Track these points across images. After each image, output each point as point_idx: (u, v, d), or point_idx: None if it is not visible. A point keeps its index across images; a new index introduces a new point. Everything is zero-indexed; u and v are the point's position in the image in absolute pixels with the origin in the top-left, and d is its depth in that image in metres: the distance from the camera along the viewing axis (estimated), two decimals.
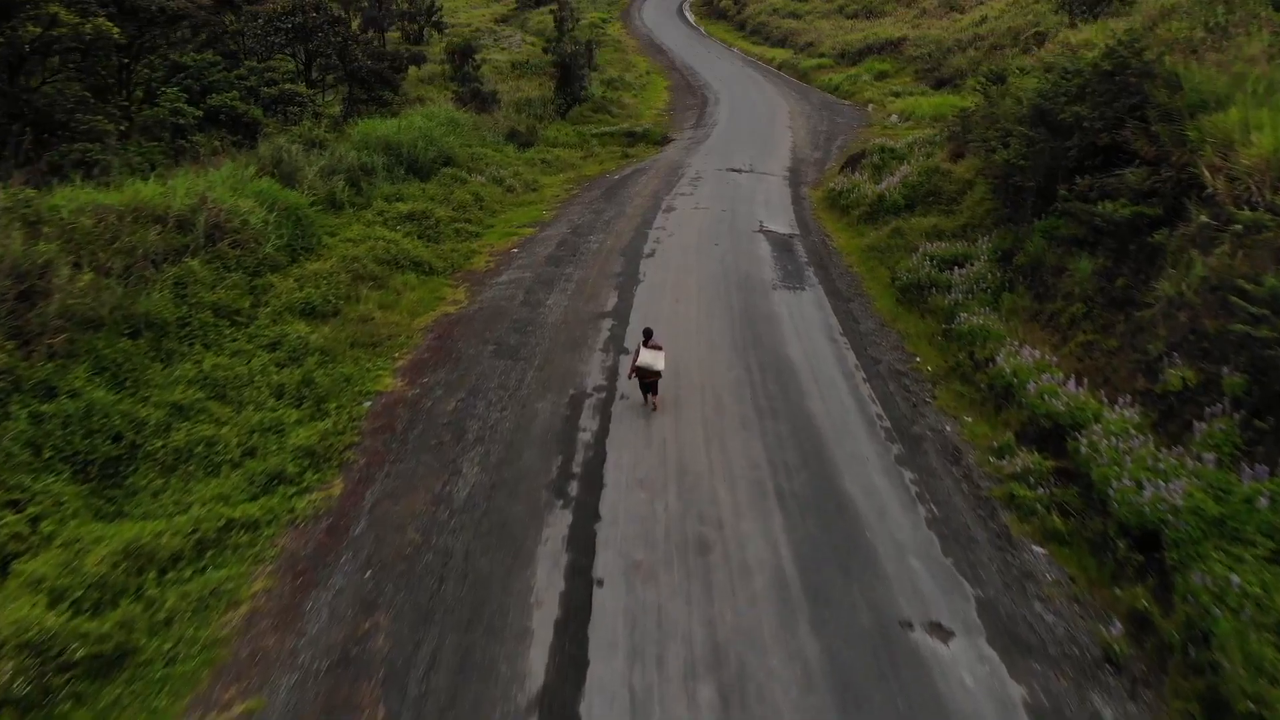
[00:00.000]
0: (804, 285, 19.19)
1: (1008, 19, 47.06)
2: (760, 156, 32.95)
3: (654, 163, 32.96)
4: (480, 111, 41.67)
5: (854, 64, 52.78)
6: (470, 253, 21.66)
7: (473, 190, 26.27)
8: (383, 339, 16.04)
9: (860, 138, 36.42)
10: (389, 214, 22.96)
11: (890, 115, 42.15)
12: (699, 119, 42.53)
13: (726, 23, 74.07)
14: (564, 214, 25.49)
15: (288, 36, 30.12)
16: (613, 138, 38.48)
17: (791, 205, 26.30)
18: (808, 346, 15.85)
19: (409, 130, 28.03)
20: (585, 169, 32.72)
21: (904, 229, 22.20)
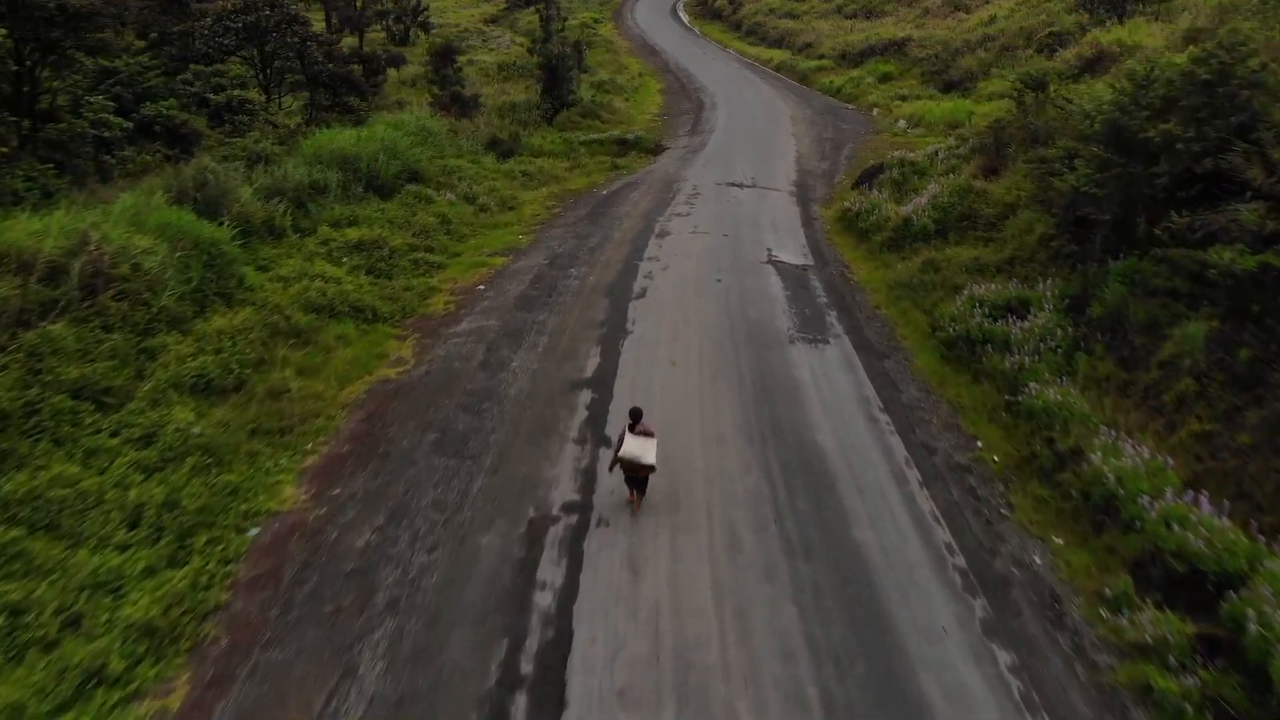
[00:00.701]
0: (827, 336, 15.21)
1: (1019, 18, 43.02)
2: (763, 168, 28.92)
3: (646, 175, 28.91)
4: (461, 117, 37.57)
5: (856, 66, 48.68)
6: (427, 291, 17.62)
7: (439, 211, 22.19)
8: (294, 423, 12.03)
9: (870, 146, 32.42)
10: (335, 243, 18.91)
11: (898, 120, 38.20)
12: (695, 125, 38.44)
13: (722, 23, 69.85)
14: (543, 239, 21.44)
15: (239, 37, 25.97)
16: (602, 145, 34.38)
17: (802, 228, 22.29)
18: (842, 431, 11.89)
19: (370, 142, 23.93)
20: (570, 182, 28.66)
21: (939, 262, 18.22)
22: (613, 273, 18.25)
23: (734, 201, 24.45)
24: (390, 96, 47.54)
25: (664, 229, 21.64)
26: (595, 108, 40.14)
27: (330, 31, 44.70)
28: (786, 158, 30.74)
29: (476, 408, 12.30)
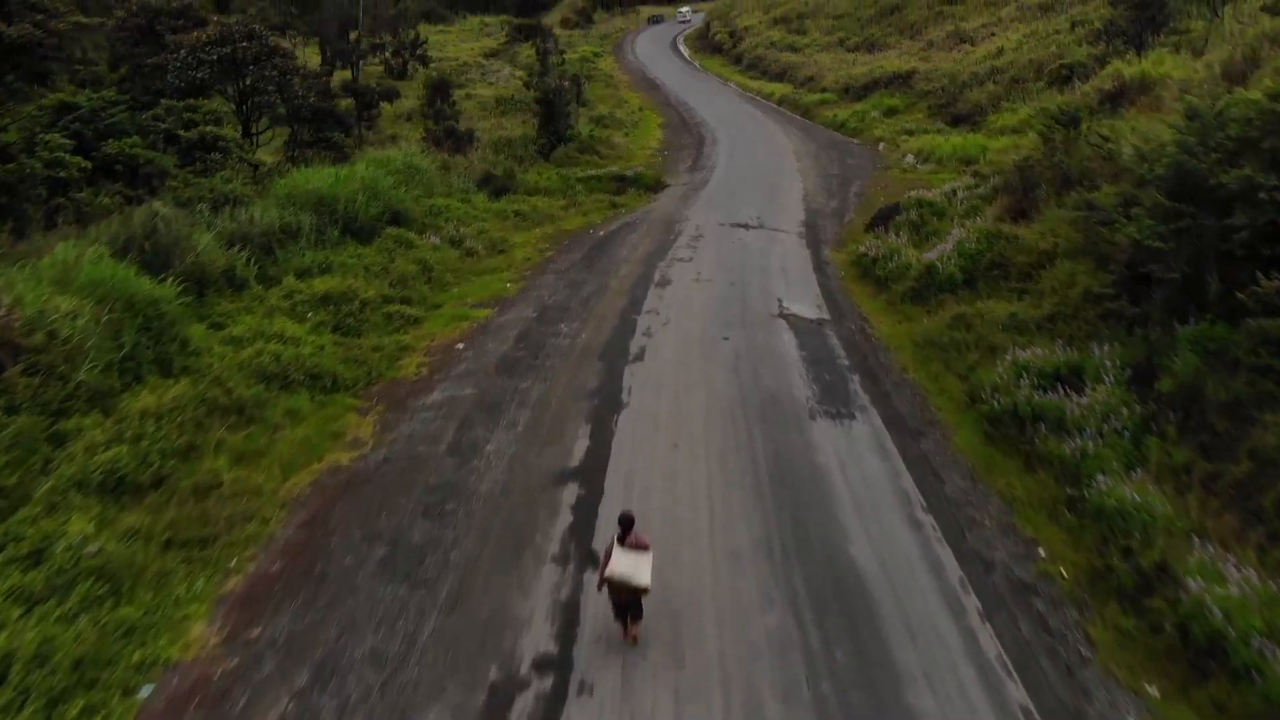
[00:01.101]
0: (852, 409, 13.00)
1: (1027, 50, 41.30)
2: (768, 207, 26.88)
3: (646, 214, 26.86)
4: (455, 152, 35.71)
5: (859, 99, 46.93)
6: (399, 351, 15.43)
7: (421, 257, 20.07)
8: (221, 529, 9.81)
9: (879, 183, 30.43)
10: (300, 296, 16.77)
11: (905, 155, 36.26)
12: (696, 160, 36.50)
13: (722, 57, 68.36)
14: (532, 287, 19.31)
15: (213, 70, 24.05)
16: (600, 182, 32.41)
17: (814, 273, 20.16)
18: (880, 540, 9.65)
19: (349, 182, 21.90)
20: (566, 222, 26.62)
21: (970, 317, 16.05)
22: (607, 329, 16.08)
23: (740, 244, 22.36)
24: (385, 131, 45.87)
25: (664, 276, 19.53)
26: (593, 143, 38.27)
27: (324, 65, 43.03)
28: (793, 195, 28.72)
29: (439, 510, 10.06)
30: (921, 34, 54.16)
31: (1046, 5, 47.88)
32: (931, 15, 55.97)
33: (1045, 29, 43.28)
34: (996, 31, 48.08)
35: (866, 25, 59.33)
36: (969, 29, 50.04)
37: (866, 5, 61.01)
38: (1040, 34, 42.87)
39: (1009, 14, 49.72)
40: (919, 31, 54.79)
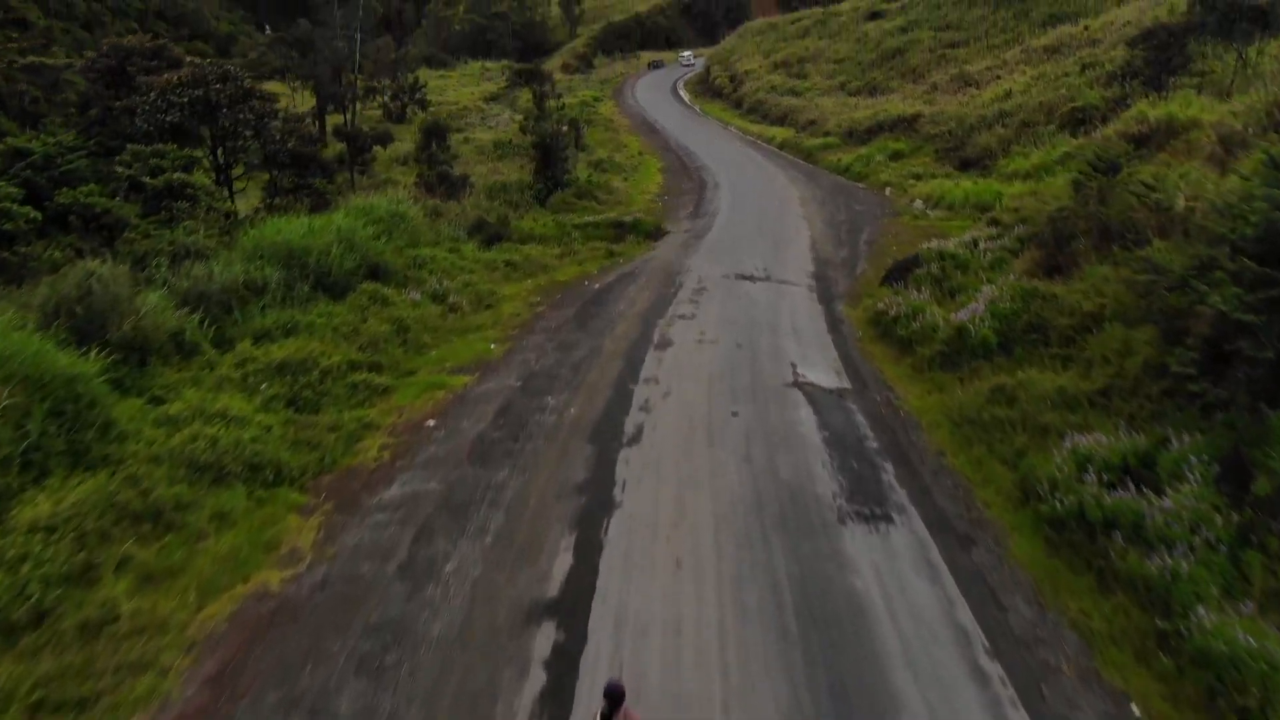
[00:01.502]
0: (888, 508, 10.80)
1: (1036, 93, 39.73)
2: (775, 256, 24.93)
3: (645, 264, 24.89)
4: (448, 198, 33.97)
5: (863, 143, 45.36)
6: (361, 430, 13.29)
7: (397, 315, 18.00)
8: (106, 686, 7.61)
9: (890, 231, 28.54)
10: (255, 365, 14.67)
11: (914, 201, 34.50)
12: (697, 206, 34.69)
13: (723, 101, 67.18)
14: (519, 349, 17.22)
15: (184, 113, 22.26)
16: (597, 229, 30.55)
17: (829, 333, 18.09)
18: (941, 708, 7.44)
19: (323, 233, 19.94)
20: (560, 272, 24.65)
21: (1012, 389, 13.93)
22: (600, 402, 13.95)
23: (746, 298, 20.33)
24: (380, 175, 44.34)
25: (665, 336, 17.45)
26: (592, 188, 36.51)
27: (317, 109, 41.54)
28: (800, 244, 26.79)
29: (377, 662, 7.83)
30: (924, 78, 52.84)
31: (1052, 48, 46.57)
32: (934, 59, 54.75)
33: (1053, 72, 41.79)
34: (1002, 75, 46.68)
35: (868, 69, 58.10)
36: (973, 72, 48.67)
37: (868, 49, 59.90)
38: (1048, 77, 41.36)
39: (1013, 57, 48.39)
40: (921, 75, 53.50)
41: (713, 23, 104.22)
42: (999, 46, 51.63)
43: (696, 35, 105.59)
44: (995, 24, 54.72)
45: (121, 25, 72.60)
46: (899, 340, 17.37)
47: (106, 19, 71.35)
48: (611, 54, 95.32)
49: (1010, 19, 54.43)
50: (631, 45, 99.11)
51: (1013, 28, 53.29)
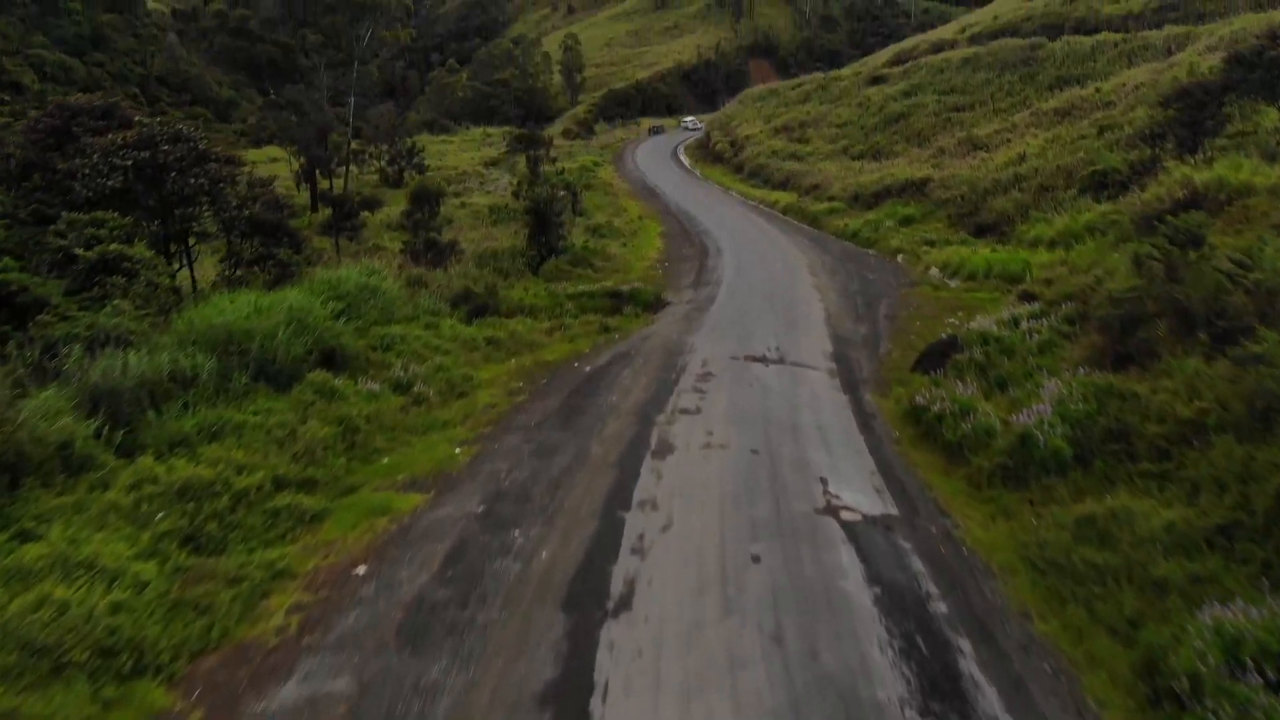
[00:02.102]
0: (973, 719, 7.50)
1: (1052, 157, 37.24)
2: (788, 333, 21.84)
3: (643, 341, 21.80)
4: (435, 266, 31.18)
5: (870, 208, 42.90)
6: (270, 580, 9.95)
7: (344, 413, 14.76)
8: None
9: (911, 304, 25.54)
10: (154, 487, 11.44)
11: (929, 269, 31.65)
12: (699, 274, 31.82)
13: (723, 166, 65.21)
14: (489, 455, 13.96)
15: (127, 177, 19.46)
16: (592, 299, 27.61)
17: (860, 433, 14.84)
18: None
19: (272, 312, 16.89)
20: (548, 350, 21.55)
21: (1104, 523, 10.64)
22: (580, 540, 10.64)
23: (758, 386, 17.15)
24: (369, 241, 41.78)
25: (664, 438, 14.22)
26: (588, 255, 33.72)
27: (302, 172, 39.15)
28: (814, 318, 23.75)
29: None
30: (930, 142, 50.73)
31: (1062, 111, 44.40)
32: (939, 123, 52.74)
33: (1068, 135, 39.39)
34: (1012, 138, 44.47)
35: (871, 134, 56.13)
36: (982, 135, 46.47)
37: (870, 114, 58.04)
38: (1063, 140, 38.93)
39: (1022, 120, 46.25)
40: (927, 139, 51.39)
41: (713, 90, 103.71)
42: (1005, 110, 49.63)
43: (697, 102, 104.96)
44: (1000, 88, 52.86)
45: (122, 90, 71.29)
46: (946, 445, 14.11)
47: (107, 83, 70.08)
48: (612, 120, 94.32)
49: (1016, 83, 52.59)
50: (632, 112, 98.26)
51: (1019, 91, 51.39)
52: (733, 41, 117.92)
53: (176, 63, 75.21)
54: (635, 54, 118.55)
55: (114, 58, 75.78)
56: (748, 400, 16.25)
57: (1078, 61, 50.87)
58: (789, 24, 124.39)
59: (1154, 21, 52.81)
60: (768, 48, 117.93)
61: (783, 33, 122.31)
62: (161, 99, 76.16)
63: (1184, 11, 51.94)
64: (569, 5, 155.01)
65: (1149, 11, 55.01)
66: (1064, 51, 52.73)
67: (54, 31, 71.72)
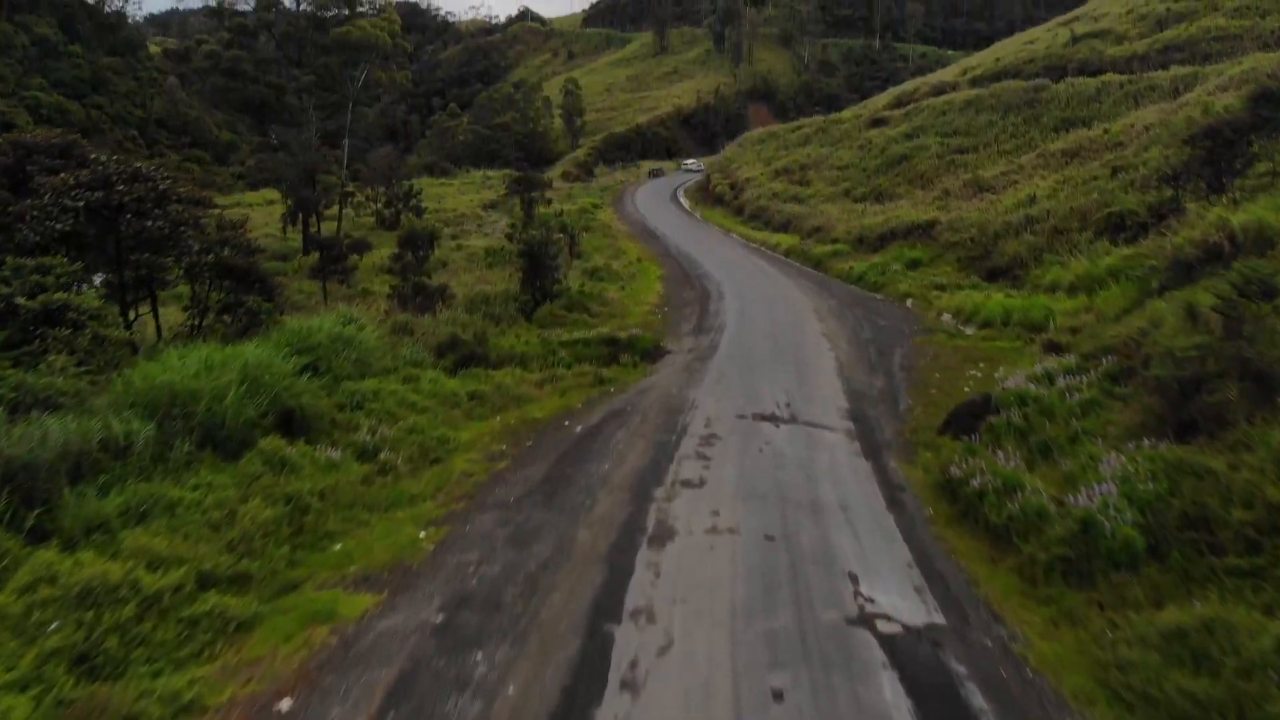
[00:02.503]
0: None
1: (1064, 198, 35.59)
2: (798, 386, 19.85)
3: (640, 396, 19.80)
4: (423, 311, 29.36)
5: (876, 251, 41.28)
6: (174, 713, 7.86)
7: (293, 490, 12.66)
8: None
9: (926, 353, 23.60)
10: (53, 589, 9.34)
11: (941, 315, 29.86)
12: (700, 319, 29.97)
13: (723, 208, 63.87)
14: (457, 542, 11.84)
15: (79, 219, 17.64)
16: (587, 347, 25.71)
17: (888, 511, 12.75)
18: None
19: (225, 369, 14.92)
20: (537, 406, 19.55)
21: (1200, 639, 8.52)
22: (558, 665, 8.50)
23: (769, 452, 15.09)
24: (359, 285, 40.13)
25: (663, 519, 12.12)
26: (584, 299, 31.86)
27: (288, 215, 37.51)
28: (825, 369, 21.77)
29: None
30: (933, 183, 49.35)
31: (1070, 153, 43.00)
32: (943, 165, 51.40)
33: (1079, 176, 37.86)
34: (1019, 180, 43.02)
35: (873, 176, 54.79)
36: (987, 177, 45.06)
37: (872, 156, 56.79)
38: (1074, 181, 37.37)
39: (1029, 161, 44.85)
40: (930, 181, 50.03)
41: (712, 134, 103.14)
42: (1010, 152, 48.33)
43: (696, 146, 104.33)
44: (1004, 130, 51.63)
45: (120, 133, 70.44)
46: (990, 528, 12.00)
47: (105, 126, 69.13)
48: (612, 163, 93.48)
49: (1020, 124, 51.38)
50: (632, 155, 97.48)
51: (1023, 133, 50.15)
52: (732, 86, 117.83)
53: (176, 105, 74.35)
54: (635, 98, 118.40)
55: (114, 100, 74.96)
56: (758, 470, 14.18)
57: (1083, 103, 49.68)
58: (787, 69, 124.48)
59: (1159, 63, 51.70)
60: (766, 92, 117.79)
61: (781, 77, 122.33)
62: (160, 141, 75.22)
63: (1189, 53, 50.80)
64: (569, 51, 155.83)
65: (1153, 53, 53.94)
66: (1068, 93, 51.56)
67: (53, 74, 70.93)
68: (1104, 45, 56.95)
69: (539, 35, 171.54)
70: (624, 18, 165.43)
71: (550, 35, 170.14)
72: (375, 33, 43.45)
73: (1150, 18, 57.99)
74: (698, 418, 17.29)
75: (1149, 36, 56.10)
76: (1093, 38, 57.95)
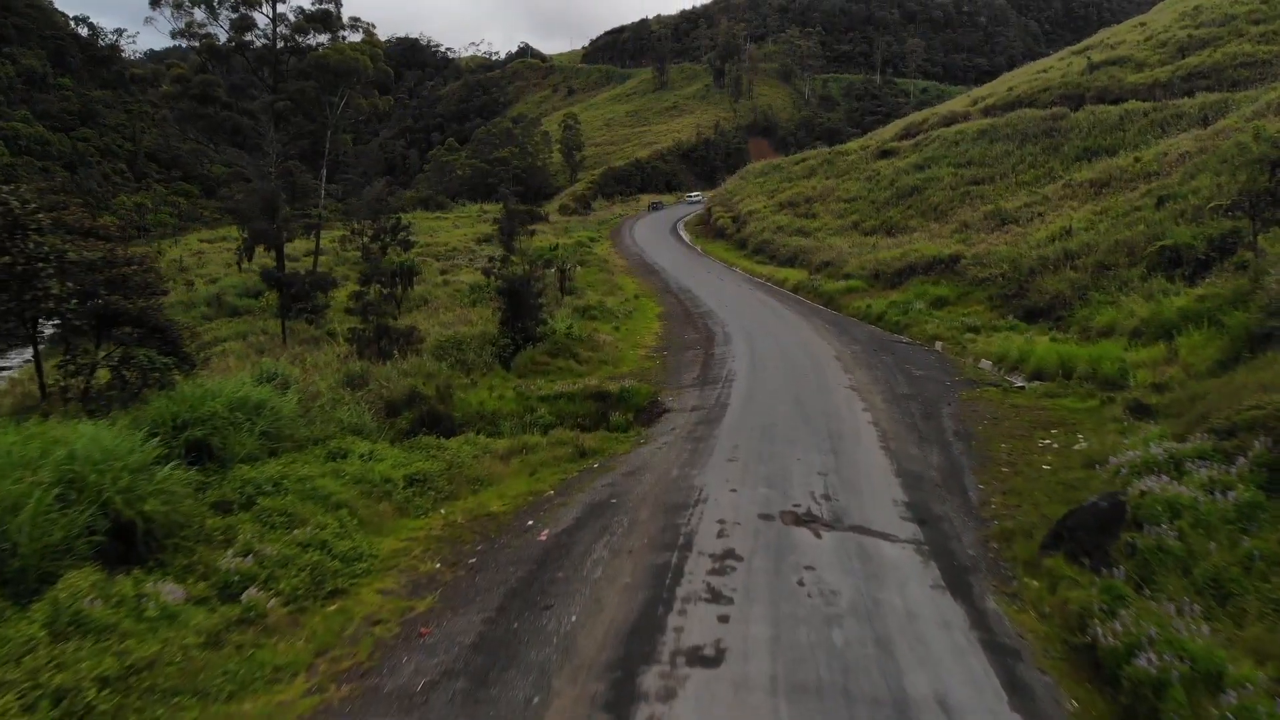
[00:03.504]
0: None
1: (1105, 230, 30.90)
2: (836, 466, 14.86)
3: (630, 479, 14.84)
4: (386, 358, 24.56)
5: (894, 287, 36.57)
6: None
7: (78, 673, 7.75)
8: None
9: (982, 414, 18.66)
10: None
11: (979, 361, 25.04)
12: (705, 366, 25.11)
13: (725, 241, 59.36)
14: None
15: None
16: (571, 402, 20.92)
17: (1013, 714, 7.81)
18: None
19: (36, 466, 10.03)
20: (495, 493, 14.61)
21: None
22: None
23: (814, 589, 10.05)
24: (329, 324, 35.32)
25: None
26: (571, 343, 27.00)
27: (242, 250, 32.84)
28: (864, 437, 16.81)
29: None
30: (948, 215, 44.84)
31: (1101, 182, 38.50)
32: (957, 196, 46.92)
33: (1119, 206, 33.22)
34: (1045, 211, 38.50)
35: (883, 208, 50.30)
36: (1010, 209, 40.51)
37: (881, 187, 52.35)
38: (1114, 212, 32.71)
39: (1054, 192, 40.36)
40: (945, 213, 45.51)
41: (711, 168, 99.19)
42: (1030, 183, 43.88)
43: (696, 180, 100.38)
44: (1022, 160, 47.23)
45: (108, 166, 66.13)
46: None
47: (92, 158, 64.80)
48: (611, 197, 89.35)
49: (1039, 154, 46.95)
50: (632, 189, 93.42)
51: (1043, 163, 45.72)
52: (731, 121, 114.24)
53: (169, 139, 70.36)
54: (635, 133, 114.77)
55: (102, 133, 70.96)
56: (801, 626, 9.14)
57: (1105, 131, 45.29)
58: (787, 103, 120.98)
59: (1183, 89, 47.39)
60: (766, 127, 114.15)
61: (781, 112, 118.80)
62: (150, 175, 71.07)
63: (1215, 79, 46.43)
64: (569, 87, 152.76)
65: (1176, 80, 49.61)
66: (1089, 121, 47.18)
67: (39, 106, 67.00)
68: (1123, 73, 52.73)
69: (539, 71, 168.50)
70: (624, 54, 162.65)
71: (550, 71, 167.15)
72: (356, 56, 38.93)
73: (1171, 44, 53.85)
74: (707, 519, 12.32)
75: (1171, 63, 51.86)
76: (1111, 65, 53.79)
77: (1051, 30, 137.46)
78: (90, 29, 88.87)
